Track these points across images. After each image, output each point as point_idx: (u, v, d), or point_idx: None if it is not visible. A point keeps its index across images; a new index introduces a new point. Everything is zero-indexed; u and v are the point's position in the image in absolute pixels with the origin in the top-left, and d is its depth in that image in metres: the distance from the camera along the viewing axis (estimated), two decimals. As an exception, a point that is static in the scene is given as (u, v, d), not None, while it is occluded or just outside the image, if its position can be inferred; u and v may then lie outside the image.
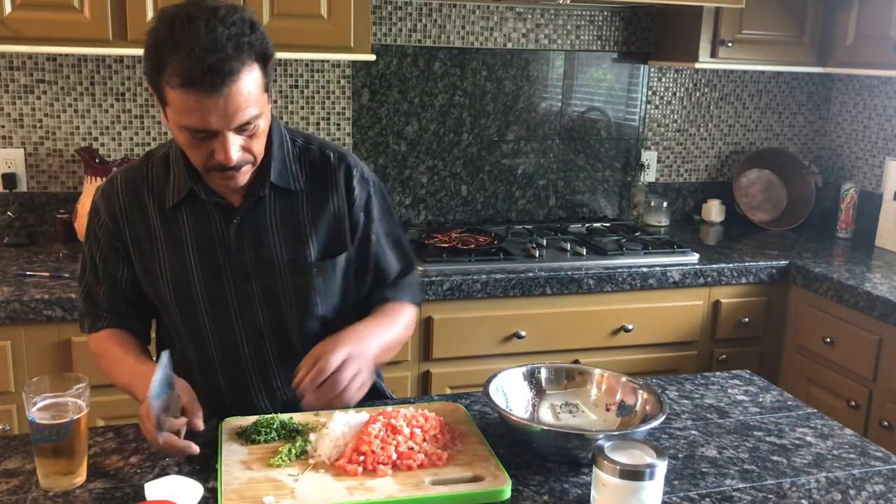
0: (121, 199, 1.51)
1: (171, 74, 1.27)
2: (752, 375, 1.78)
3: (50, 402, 1.23)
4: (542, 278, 2.50)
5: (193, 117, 1.30)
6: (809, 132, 3.47)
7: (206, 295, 1.50)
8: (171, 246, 1.50)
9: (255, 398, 1.58)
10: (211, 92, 1.27)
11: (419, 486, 1.25)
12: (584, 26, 3.11)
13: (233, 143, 1.34)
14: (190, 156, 1.41)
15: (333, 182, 1.55)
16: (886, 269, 2.70)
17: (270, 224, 1.50)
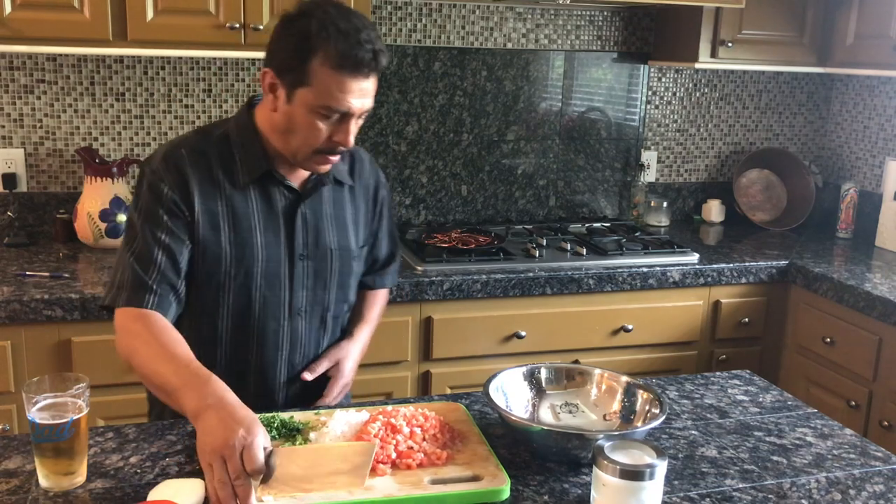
0: (192, 169, 1.53)
1: (330, 55, 1.42)
2: (752, 375, 1.78)
3: (50, 402, 1.23)
4: (542, 278, 2.50)
5: (337, 98, 1.45)
6: (809, 132, 3.47)
7: (263, 270, 1.58)
8: (237, 221, 1.56)
9: (278, 371, 1.64)
10: (362, 76, 1.45)
11: (418, 486, 1.25)
12: (584, 26, 3.11)
13: (354, 126, 1.51)
14: (304, 137, 1.50)
15: (369, 180, 1.76)
16: (886, 269, 2.70)
17: (326, 212, 1.65)
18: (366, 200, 1.74)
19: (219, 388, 1.28)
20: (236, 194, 1.56)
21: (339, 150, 1.53)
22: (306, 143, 1.51)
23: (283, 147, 1.55)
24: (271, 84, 1.51)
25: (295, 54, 1.46)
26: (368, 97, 1.49)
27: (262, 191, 1.58)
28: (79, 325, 2.15)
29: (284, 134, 1.53)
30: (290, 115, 1.50)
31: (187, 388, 1.30)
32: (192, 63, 2.75)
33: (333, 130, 1.50)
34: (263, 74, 1.52)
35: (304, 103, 1.47)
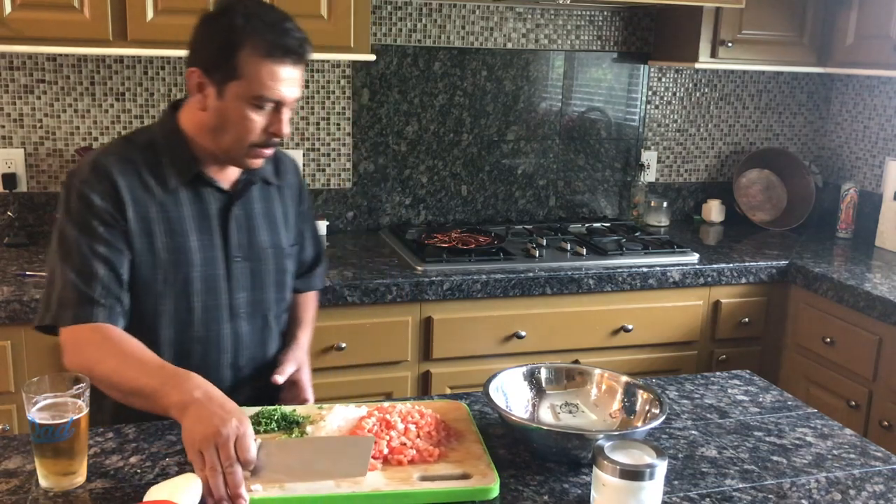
0: (121, 178, 1.51)
1: (258, 46, 1.46)
2: (752, 375, 1.78)
3: (50, 402, 1.23)
4: (542, 278, 2.50)
5: (269, 86, 1.47)
6: (809, 132, 3.47)
7: (201, 274, 1.57)
8: (171, 226, 1.55)
9: (223, 376, 1.63)
10: (293, 64, 1.49)
11: (406, 481, 1.25)
12: (584, 26, 3.11)
13: (286, 116, 1.53)
14: (238, 132, 1.51)
15: (293, 180, 1.77)
16: (886, 269, 2.70)
17: (257, 212, 1.65)
18: (292, 200, 1.75)
19: (202, 382, 1.32)
20: (168, 199, 1.55)
21: (273, 142, 1.55)
22: (240, 137, 1.52)
23: (214, 146, 1.55)
24: (199, 83, 1.51)
25: (222, 49, 1.47)
26: (298, 86, 1.52)
27: (193, 194, 1.57)
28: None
29: (216, 132, 1.53)
30: (222, 112, 1.50)
31: (168, 387, 1.31)
32: (192, 63, 2.74)
33: (267, 122, 1.51)
34: (189, 74, 1.52)
35: (236, 96, 1.48)
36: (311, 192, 2.93)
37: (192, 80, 1.52)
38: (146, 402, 1.35)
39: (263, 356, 1.69)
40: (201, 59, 1.51)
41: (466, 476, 1.27)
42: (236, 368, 1.64)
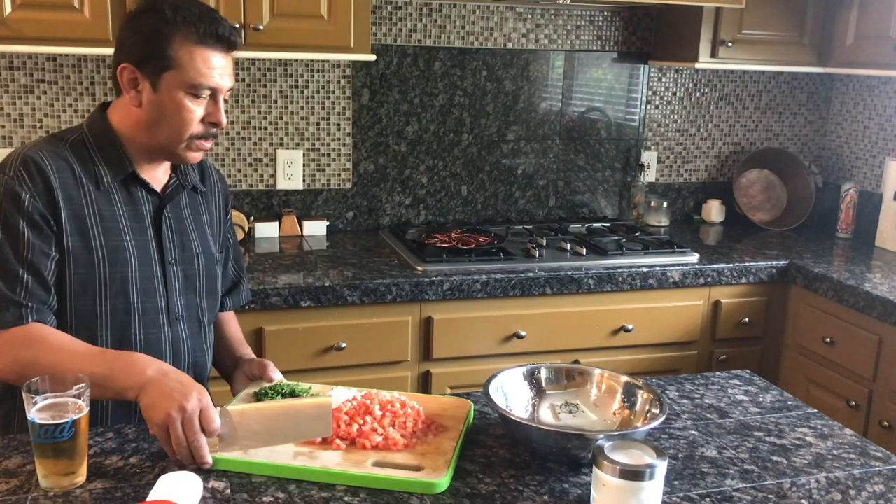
0: (52, 174, 1.47)
1: (191, 34, 1.47)
2: (752, 375, 1.78)
3: (50, 402, 1.23)
4: (542, 278, 2.50)
5: (205, 73, 1.49)
6: (809, 132, 3.47)
7: (138, 274, 1.55)
8: (105, 224, 1.52)
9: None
10: (224, 50, 1.52)
11: (357, 465, 1.28)
12: (584, 26, 3.11)
13: (223, 105, 1.54)
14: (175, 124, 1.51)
15: (218, 188, 1.76)
16: (886, 269, 2.70)
17: (186, 216, 1.65)
18: (217, 208, 1.74)
19: (151, 359, 1.36)
20: (101, 198, 1.52)
21: (212, 133, 1.55)
22: (179, 129, 1.51)
23: (151, 142, 1.53)
24: (131, 79, 1.50)
25: (154, 41, 1.48)
26: (231, 75, 1.55)
27: (126, 194, 1.55)
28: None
29: (153, 126, 1.52)
30: (158, 104, 1.50)
31: (118, 371, 1.35)
32: (192, 63, 2.74)
33: (205, 112, 1.52)
34: (120, 71, 1.50)
35: (171, 86, 1.49)
36: (311, 193, 2.93)
37: (124, 77, 1.50)
38: (96, 390, 1.32)
39: (204, 363, 1.68)
40: (133, 55, 1.50)
41: (419, 468, 1.28)
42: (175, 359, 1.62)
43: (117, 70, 1.51)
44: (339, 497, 1.23)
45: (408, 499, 1.23)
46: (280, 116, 2.86)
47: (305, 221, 2.88)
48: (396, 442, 1.34)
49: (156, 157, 1.58)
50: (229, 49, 1.53)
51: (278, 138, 2.87)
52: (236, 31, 1.54)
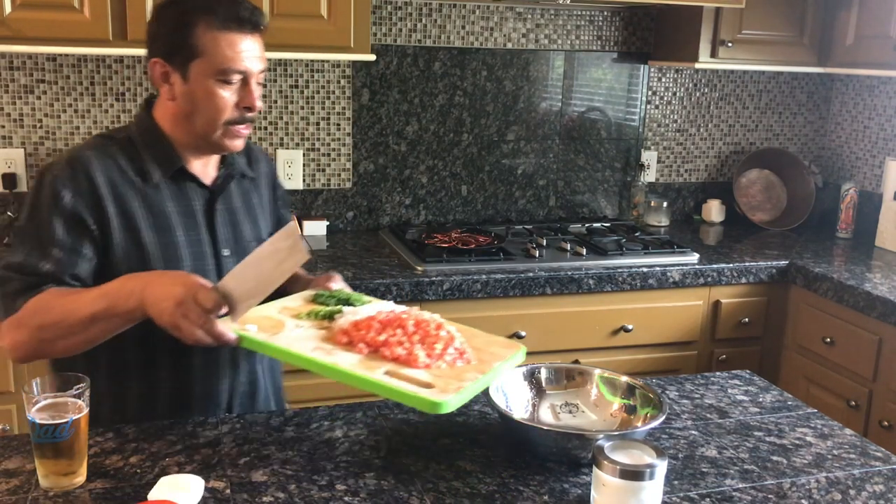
0: (100, 172, 1.49)
1: (212, 21, 1.46)
2: (752, 375, 1.78)
3: (50, 402, 1.23)
4: (542, 278, 2.50)
5: (231, 58, 1.48)
6: (809, 132, 3.47)
7: (192, 268, 1.54)
8: (156, 221, 1.53)
9: (221, 374, 1.60)
10: (248, 33, 1.49)
11: (368, 368, 1.27)
12: (584, 26, 3.11)
13: (256, 90, 1.53)
14: (209, 112, 1.50)
15: (265, 168, 1.77)
16: (886, 269, 2.70)
17: (238, 205, 1.65)
18: (267, 188, 1.76)
19: (140, 275, 1.40)
20: (151, 194, 1.53)
21: (247, 118, 1.54)
22: (213, 117, 1.51)
23: (190, 134, 1.54)
24: (163, 73, 1.51)
25: (178, 32, 1.48)
26: (260, 56, 1.52)
27: (176, 189, 1.56)
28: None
29: (189, 118, 1.52)
30: (191, 94, 1.50)
31: (117, 297, 1.37)
32: (192, 63, 2.75)
33: (238, 97, 1.51)
34: (152, 66, 1.52)
35: (201, 74, 1.49)
36: (311, 193, 2.93)
37: (156, 72, 1.52)
38: (109, 323, 1.38)
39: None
40: (160, 48, 1.51)
41: (429, 386, 1.24)
42: (234, 364, 1.63)
43: (149, 66, 1.53)
44: (339, 497, 1.23)
45: (408, 498, 1.23)
46: (280, 116, 2.86)
47: (305, 221, 2.88)
48: (417, 358, 1.31)
49: (200, 151, 1.58)
50: (253, 30, 1.51)
51: (278, 138, 2.87)
52: (258, 12, 1.52)
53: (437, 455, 1.37)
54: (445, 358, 1.33)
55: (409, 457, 1.36)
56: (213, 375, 1.59)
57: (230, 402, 1.62)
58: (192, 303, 1.29)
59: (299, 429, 1.45)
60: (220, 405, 1.61)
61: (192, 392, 1.57)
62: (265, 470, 1.30)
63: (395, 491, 1.25)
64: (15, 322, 1.43)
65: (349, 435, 1.43)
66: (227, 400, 1.62)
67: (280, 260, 1.34)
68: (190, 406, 1.57)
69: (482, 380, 1.30)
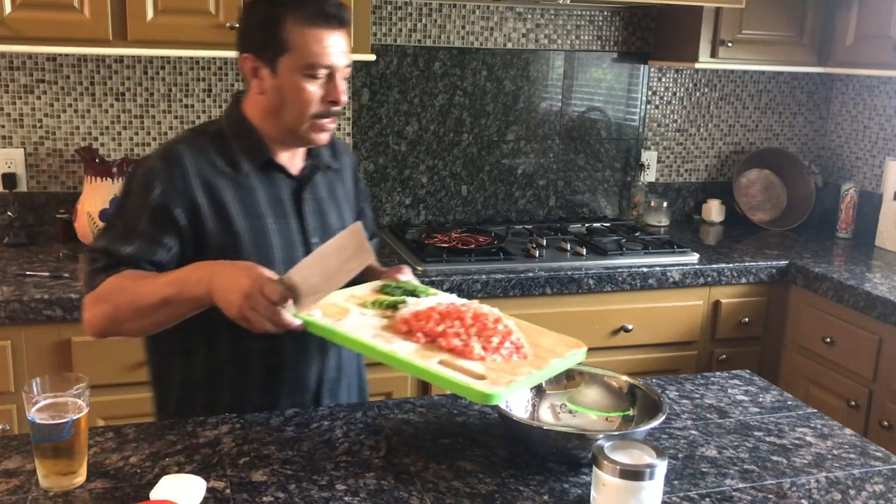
0: (191, 164, 1.54)
1: (299, 17, 1.50)
2: (752, 375, 1.78)
3: (50, 402, 1.23)
4: (542, 278, 2.50)
5: (317, 52, 1.51)
6: (809, 132, 3.47)
7: (282, 254, 1.59)
8: (247, 209, 1.57)
9: (310, 360, 1.64)
10: (334, 28, 1.53)
11: (424, 357, 1.30)
12: (584, 26, 3.11)
13: (342, 84, 1.56)
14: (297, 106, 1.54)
15: (348, 160, 1.81)
16: (886, 269, 2.70)
17: (324, 195, 1.69)
18: (351, 180, 1.80)
19: (206, 263, 1.43)
20: (241, 184, 1.58)
21: (333, 112, 1.57)
22: (300, 111, 1.55)
23: (278, 128, 1.58)
24: (253, 68, 1.55)
25: (267, 28, 1.52)
26: (346, 51, 1.55)
27: (265, 180, 1.60)
28: (79, 325, 2.14)
29: (277, 112, 1.56)
30: (279, 89, 1.54)
31: (186, 284, 1.41)
32: (192, 63, 2.75)
33: (324, 92, 1.54)
34: (243, 62, 1.56)
35: (289, 69, 1.52)
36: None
37: (246, 67, 1.56)
38: (177, 308, 1.43)
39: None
40: (250, 43, 1.55)
41: (481, 378, 1.26)
42: (322, 349, 1.66)
43: (240, 61, 1.57)
44: (339, 497, 1.23)
45: (408, 498, 1.23)
46: (280, 116, 2.86)
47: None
48: (472, 350, 1.32)
49: (287, 144, 1.62)
50: (339, 25, 1.54)
51: (278, 138, 2.87)
52: (344, 7, 1.55)
53: (437, 455, 1.37)
54: (501, 351, 1.35)
55: (409, 457, 1.36)
56: (303, 361, 1.62)
57: (318, 388, 1.66)
58: (259, 295, 1.32)
59: (299, 429, 1.45)
60: (309, 391, 1.65)
61: (283, 377, 1.61)
62: (265, 470, 1.30)
63: (395, 491, 1.25)
64: (94, 298, 1.48)
65: (349, 435, 1.43)
66: (316, 386, 1.65)
67: (346, 258, 1.39)
68: (280, 391, 1.61)
69: (536, 375, 1.32)
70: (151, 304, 1.43)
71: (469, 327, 1.37)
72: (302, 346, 1.60)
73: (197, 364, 1.58)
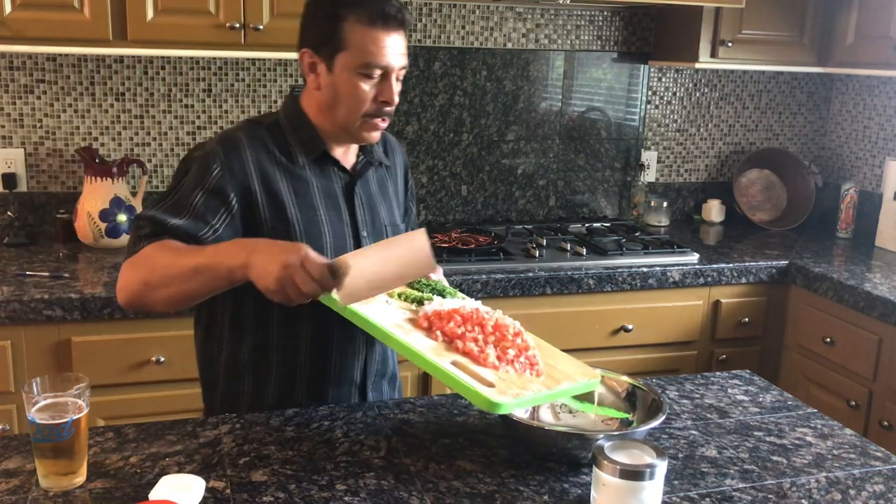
0: (249, 152, 1.56)
1: (361, 16, 1.52)
2: (752, 375, 1.78)
3: (50, 402, 1.23)
4: (542, 278, 2.50)
5: (374, 53, 1.53)
6: (809, 132, 3.47)
7: (332, 246, 1.60)
8: (301, 199, 1.59)
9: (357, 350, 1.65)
10: (393, 30, 1.54)
11: (438, 355, 1.31)
12: (584, 26, 3.11)
13: (395, 85, 1.58)
14: (350, 103, 1.56)
15: (400, 159, 1.83)
16: (886, 269, 2.70)
17: (375, 190, 1.72)
18: (401, 178, 1.83)
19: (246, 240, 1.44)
20: (296, 175, 1.60)
21: (385, 112, 1.59)
22: (353, 109, 1.57)
23: (332, 123, 1.60)
24: (311, 63, 1.58)
25: (328, 25, 1.54)
26: (402, 53, 1.57)
27: (319, 172, 1.63)
28: (79, 325, 2.15)
29: (332, 108, 1.58)
30: (334, 85, 1.56)
31: (223, 254, 1.40)
32: (192, 63, 2.75)
33: (377, 91, 1.56)
34: (302, 56, 1.59)
35: (345, 67, 1.54)
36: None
37: (305, 62, 1.59)
38: (209, 279, 1.41)
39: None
40: (310, 39, 1.58)
41: (490, 386, 1.27)
42: (369, 341, 1.67)
43: (299, 56, 1.59)
44: (339, 497, 1.23)
45: (408, 498, 1.23)
46: (280, 116, 2.86)
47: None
48: (487, 357, 1.33)
49: (340, 140, 1.64)
50: (399, 27, 1.56)
51: (278, 138, 2.87)
52: (405, 9, 1.57)
53: (437, 455, 1.37)
54: (515, 364, 1.36)
55: (409, 457, 1.36)
56: (350, 352, 1.64)
57: (363, 380, 1.67)
58: (297, 268, 1.31)
59: (299, 429, 1.45)
60: (355, 382, 1.66)
61: (329, 367, 1.62)
62: (265, 470, 1.30)
63: (395, 491, 1.25)
64: (131, 263, 1.48)
65: (349, 435, 1.43)
66: (362, 378, 1.67)
67: (404, 265, 1.37)
68: (326, 382, 1.62)
69: (544, 394, 1.32)
70: (185, 272, 1.42)
71: (488, 335, 1.39)
72: (349, 335, 1.62)
73: (245, 349, 1.60)
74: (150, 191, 2.77)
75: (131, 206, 2.58)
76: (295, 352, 1.60)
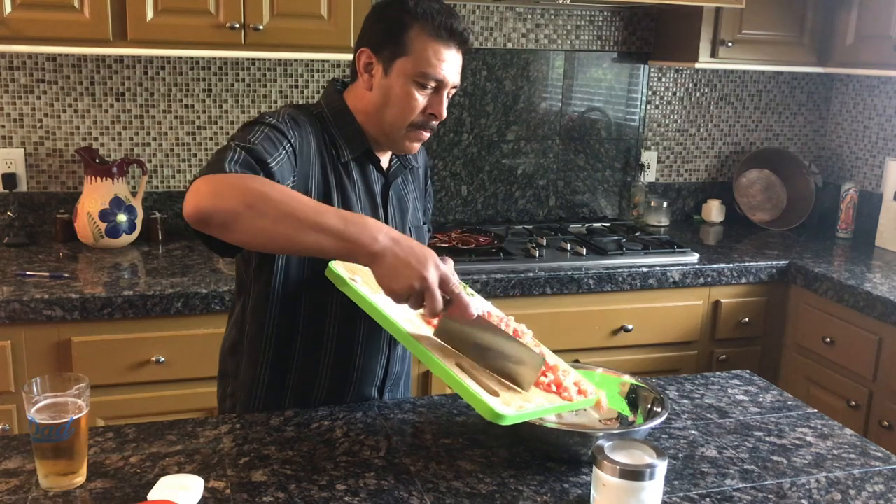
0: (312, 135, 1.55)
1: (428, 26, 1.54)
2: (752, 375, 1.78)
3: (50, 402, 1.23)
4: (542, 278, 2.50)
5: (434, 65, 1.55)
6: (809, 132, 3.47)
7: None
8: (343, 193, 1.59)
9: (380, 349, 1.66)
10: (455, 46, 1.57)
11: (446, 356, 1.29)
12: (584, 26, 3.11)
13: (445, 99, 1.61)
14: (400, 109, 1.56)
15: (423, 164, 1.85)
16: (886, 269, 2.70)
17: (403, 193, 1.73)
18: (423, 180, 1.84)
19: (381, 225, 1.28)
20: (341, 170, 1.60)
21: (431, 125, 1.61)
22: (402, 116, 1.57)
23: (377, 126, 1.60)
24: (367, 63, 1.58)
25: (394, 28, 1.56)
26: (458, 71, 1.59)
27: (360, 170, 1.63)
28: (79, 325, 2.15)
29: (380, 110, 1.58)
30: (388, 89, 1.57)
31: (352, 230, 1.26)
32: (192, 63, 2.75)
33: (428, 103, 1.59)
34: (359, 55, 1.59)
35: (402, 73, 1.55)
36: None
37: (361, 61, 1.59)
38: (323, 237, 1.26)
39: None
40: (372, 39, 1.59)
41: (494, 394, 1.26)
42: (392, 341, 1.67)
43: (356, 54, 1.60)
44: (339, 497, 1.23)
45: (408, 498, 1.23)
46: (280, 116, 2.86)
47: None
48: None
49: (380, 145, 1.64)
50: (460, 45, 1.58)
51: (278, 138, 2.87)
52: (469, 32, 1.59)
53: (437, 455, 1.37)
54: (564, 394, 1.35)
55: (409, 457, 1.36)
56: (373, 350, 1.64)
57: (384, 380, 1.68)
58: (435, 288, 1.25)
59: (299, 429, 1.45)
60: (375, 383, 1.67)
61: (352, 364, 1.62)
62: (265, 470, 1.30)
63: (395, 491, 1.25)
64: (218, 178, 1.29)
65: (349, 435, 1.43)
66: (382, 378, 1.68)
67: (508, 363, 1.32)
68: (349, 379, 1.62)
69: (546, 409, 1.31)
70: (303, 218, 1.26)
71: None
72: (373, 333, 1.62)
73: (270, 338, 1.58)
74: (150, 191, 2.78)
75: (131, 206, 2.58)
76: (320, 344, 1.60)
